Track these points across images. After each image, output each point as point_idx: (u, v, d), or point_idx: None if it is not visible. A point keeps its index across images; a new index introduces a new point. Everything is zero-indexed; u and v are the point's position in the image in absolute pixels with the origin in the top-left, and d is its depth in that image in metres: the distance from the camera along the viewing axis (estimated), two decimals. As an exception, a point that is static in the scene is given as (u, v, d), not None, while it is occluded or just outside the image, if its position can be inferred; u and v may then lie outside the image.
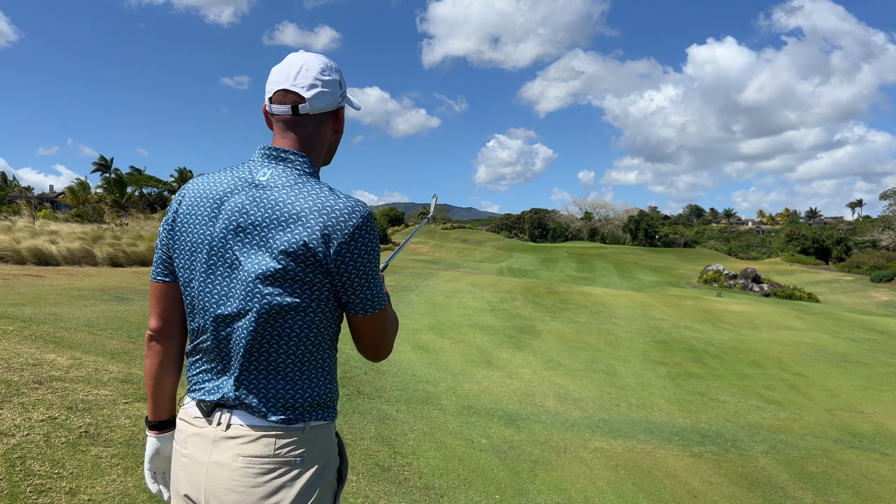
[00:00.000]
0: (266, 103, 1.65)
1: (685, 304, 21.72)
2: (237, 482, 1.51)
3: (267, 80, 1.65)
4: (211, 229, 1.56)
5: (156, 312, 1.69)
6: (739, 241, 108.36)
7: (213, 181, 1.63)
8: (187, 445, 1.61)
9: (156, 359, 1.71)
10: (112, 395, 4.89)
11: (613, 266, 55.37)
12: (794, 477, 5.92)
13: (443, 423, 6.32)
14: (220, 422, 1.56)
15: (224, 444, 1.54)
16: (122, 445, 3.97)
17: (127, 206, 48.39)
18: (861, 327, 18.59)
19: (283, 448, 1.53)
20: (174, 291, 1.67)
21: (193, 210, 1.60)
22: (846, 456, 6.71)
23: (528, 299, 19.01)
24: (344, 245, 1.50)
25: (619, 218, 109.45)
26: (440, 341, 11.45)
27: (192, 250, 1.59)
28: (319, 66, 1.63)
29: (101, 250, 18.50)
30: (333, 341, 1.65)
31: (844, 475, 6.07)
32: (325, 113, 1.66)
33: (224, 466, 1.53)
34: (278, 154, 1.60)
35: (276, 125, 1.65)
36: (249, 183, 1.57)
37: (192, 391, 1.65)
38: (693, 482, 5.51)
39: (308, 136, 1.64)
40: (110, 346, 6.78)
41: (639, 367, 11.11)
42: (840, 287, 50.21)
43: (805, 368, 11.84)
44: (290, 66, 1.62)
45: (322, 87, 1.61)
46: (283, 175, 1.56)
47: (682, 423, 7.56)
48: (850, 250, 71.39)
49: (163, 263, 1.67)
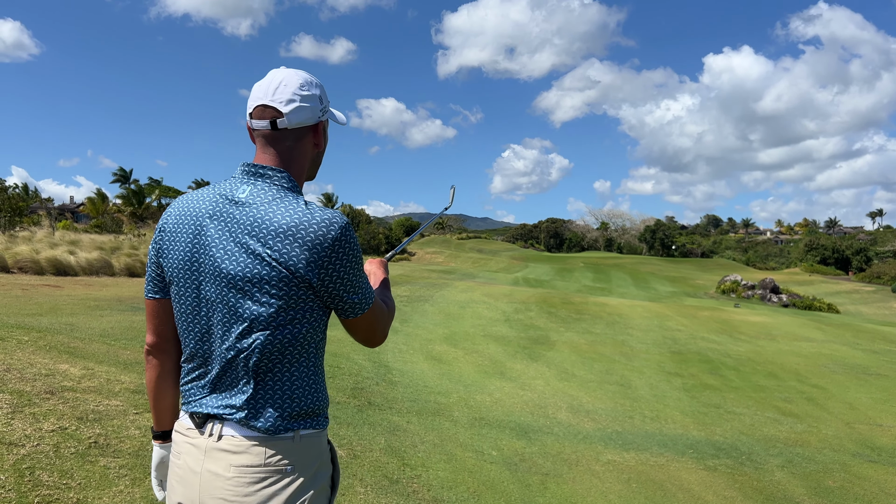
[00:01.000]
0: (247, 119, 1.68)
1: (702, 315, 21.53)
2: (230, 492, 1.54)
3: (249, 97, 1.68)
4: (192, 248, 1.60)
5: (150, 328, 1.74)
6: (757, 251, 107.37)
7: (194, 198, 1.66)
8: (181, 455, 1.65)
9: (154, 372, 1.77)
10: (123, 406, 4.92)
11: (630, 276, 55.06)
12: (811, 491, 5.82)
13: (453, 434, 6.29)
14: (211, 433, 1.59)
15: (216, 454, 1.57)
16: (131, 456, 3.99)
17: (145, 216, 48.89)
18: (882, 339, 18.30)
19: (273, 457, 1.56)
20: (166, 308, 1.72)
21: (177, 229, 1.64)
22: (864, 470, 6.59)
23: (542, 310, 18.93)
24: (325, 258, 1.53)
25: (636, 228, 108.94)
26: (453, 352, 11.42)
27: (178, 268, 1.63)
28: (298, 81, 1.65)
29: (119, 261, 18.70)
30: (319, 350, 1.67)
31: (862, 490, 5.96)
32: (305, 127, 1.68)
33: (217, 476, 1.56)
34: (257, 170, 1.63)
35: (257, 140, 1.68)
36: (230, 200, 1.59)
37: (185, 404, 1.69)
38: (707, 496, 5.43)
39: (287, 151, 1.67)
40: (123, 357, 6.83)
41: (654, 378, 11.01)
42: (861, 298, 49.53)
43: (823, 380, 11.67)
44: (269, 81, 1.65)
45: (300, 102, 1.64)
46: (262, 192, 1.59)
47: (696, 436, 7.47)
48: (871, 260, 70.56)
49: (153, 281, 1.72)
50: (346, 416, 6.20)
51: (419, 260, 65.31)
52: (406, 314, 14.92)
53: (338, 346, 10.08)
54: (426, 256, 64.59)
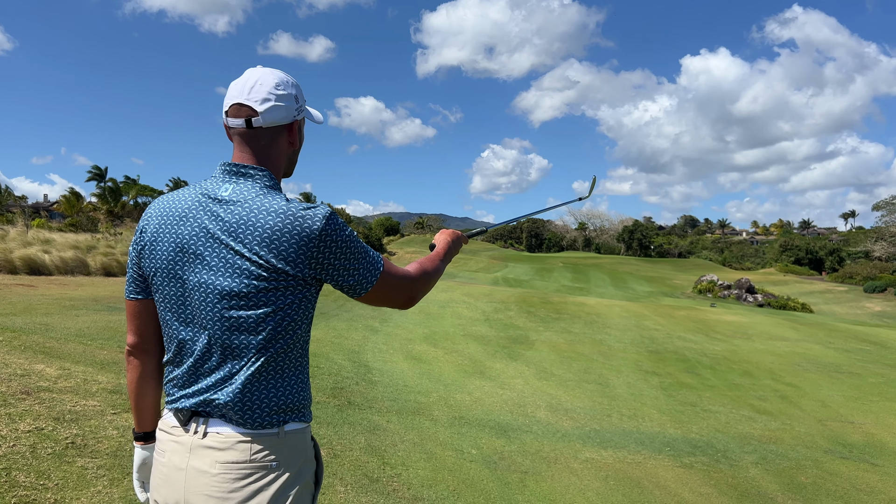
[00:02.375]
0: (223, 117, 1.69)
1: (679, 315, 21.77)
2: (215, 488, 1.54)
3: (225, 96, 1.69)
4: (177, 245, 1.60)
5: (131, 329, 1.74)
6: (733, 251, 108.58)
7: (176, 198, 1.67)
8: (166, 454, 1.65)
9: (135, 373, 1.77)
10: (100, 406, 4.88)
11: (608, 276, 55.46)
12: (784, 487, 5.92)
13: (433, 433, 6.31)
14: (196, 430, 1.60)
15: (201, 451, 1.58)
16: (109, 457, 3.96)
17: (121, 215, 48.29)
18: (853, 338, 18.64)
19: (259, 453, 1.57)
20: (147, 308, 1.72)
21: (159, 229, 1.64)
22: (836, 466, 6.72)
23: (522, 309, 19.03)
24: (315, 251, 1.55)
25: (614, 228, 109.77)
26: (433, 351, 11.44)
27: (160, 268, 1.63)
28: (274, 80, 1.67)
29: (95, 260, 18.46)
30: (304, 346, 1.68)
31: (834, 486, 6.08)
32: (280, 126, 1.69)
33: (203, 473, 1.56)
34: (238, 169, 1.64)
35: (234, 139, 1.69)
36: (212, 199, 1.60)
37: (170, 401, 1.69)
38: (683, 493, 5.51)
39: (264, 150, 1.68)
40: (100, 357, 6.76)
41: (631, 377, 11.12)
42: (834, 297, 50.36)
43: (797, 379, 11.87)
44: (245, 80, 1.67)
45: (275, 101, 1.65)
46: (246, 190, 1.60)
47: (673, 434, 7.56)
48: (844, 261, 71.71)
49: (134, 282, 1.72)
50: (327, 416, 6.20)
51: (399, 260, 65.22)
52: (385, 314, 14.91)
53: (317, 345, 10.06)
54: (406, 256, 64.55)
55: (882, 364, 14.12)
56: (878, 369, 13.36)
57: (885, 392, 10.96)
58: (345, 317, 13.81)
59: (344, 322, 13.08)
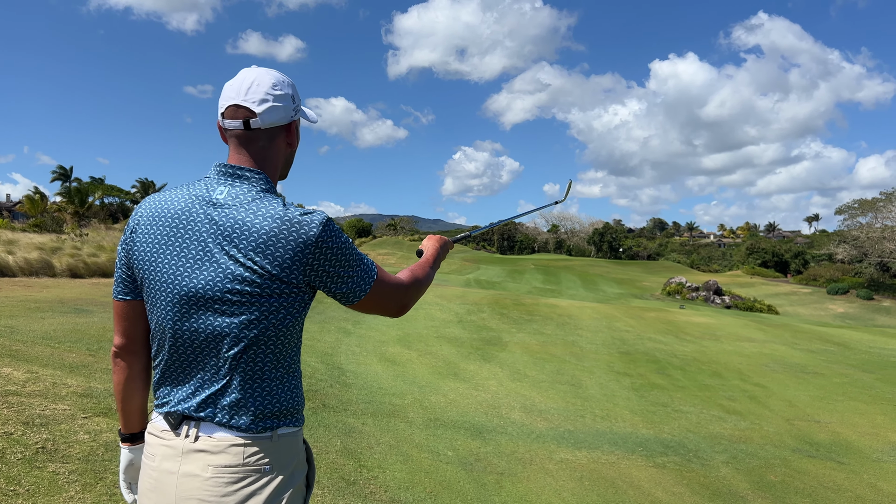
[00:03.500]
0: (219, 118, 1.67)
1: (649, 316, 22.02)
2: (208, 492, 1.52)
3: (220, 96, 1.66)
4: (168, 246, 1.58)
5: (119, 330, 1.72)
6: (701, 253, 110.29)
7: (169, 198, 1.64)
8: (156, 458, 1.62)
9: (122, 374, 1.74)
10: (70, 410, 4.78)
11: (579, 278, 55.89)
12: (754, 486, 6.03)
13: (409, 435, 6.30)
14: (188, 434, 1.58)
15: (193, 455, 1.56)
16: (81, 461, 3.89)
17: (87, 216, 47.34)
18: (818, 339, 19.04)
19: (252, 456, 1.55)
20: (135, 309, 1.69)
21: (151, 229, 1.62)
22: (804, 465, 6.86)
23: (494, 311, 19.08)
24: (310, 257, 1.54)
25: (585, 230, 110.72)
26: (407, 353, 11.42)
27: (152, 269, 1.60)
28: (271, 80, 1.64)
29: (61, 261, 18.08)
30: (297, 350, 1.68)
31: (802, 484, 6.21)
32: (278, 127, 1.67)
33: (194, 477, 1.54)
34: (234, 171, 1.61)
35: (230, 140, 1.67)
36: (206, 201, 1.58)
37: (159, 405, 1.66)
38: (657, 493, 5.58)
39: (262, 151, 1.65)
40: (69, 360, 6.63)
41: (603, 378, 11.23)
42: (798, 299, 51.41)
43: (765, 379, 12.08)
44: (241, 81, 1.64)
45: (273, 102, 1.62)
46: (241, 193, 1.58)
47: (645, 434, 7.65)
48: (808, 263, 73.24)
49: (123, 282, 1.69)
50: (301, 419, 6.15)
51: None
52: (358, 316, 14.85)
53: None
54: (378, 258, 64.33)
55: (845, 364, 14.45)
56: (842, 369, 13.67)
57: (849, 392, 11.21)
58: (317, 319, 13.72)
59: (316, 324, 12.99)
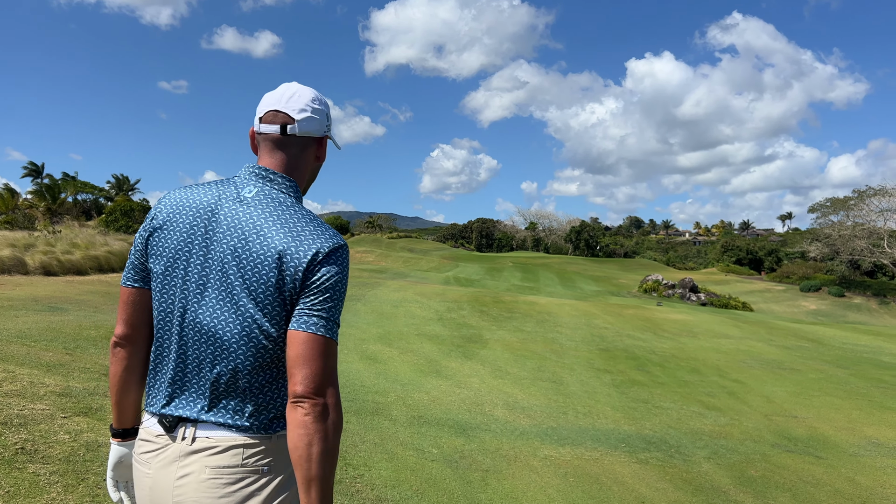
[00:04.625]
0: (255, 124, 1.72)
1: (627, 313, 22.19)
2: (204, 493, 1.51)
3: (258, 105, 1.74)
4: (189, 238, 1.60)
5: (123, 318, 1.70)
6: (677, 251, 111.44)
7: (196, 193, 1.66)
8: (151, 465, 1.60)
9: (120, 365, 1.72)
10: (49, 410, 4.69)
11: (557, 276, 56.16)
12: (736, 481, 6.10)
13: (393, 433, 6.28)
14: (184, 436, 1.56)
15: (190, 458, 1.54)
16: (61, 462, 3.81)
17: (60, 212, 46.55)
18: (793, 335, 19.33)
19: (251, 458, 1.54)
20: (143, 297, 1.69)
21: (174, 221, 1.63)
22: (783, 460, 6.95)
23: (474, 309, 19.10)
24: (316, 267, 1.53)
25: (562, 228, 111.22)
26: (388, 351, 11.39)
27: (169, 261, 1.61)
28: (310, 95, 1.72)
29: (34, 258, 17.75)
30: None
31: (782, 478, 6.28)
32: (310, 138, 1.73)
33: (191, 479, 1.53)
34: (266, 174, 1.66)
35: (263, 145, 1.71)
36: (234, 198, 1.62)
37: (154, 406, 1.63)
38: (640, 488, 5.61)
39: (293, 158, 1.71)
40: (45, 359, 6.50)
41: (584, 375, 11.29)
42: (772, 296, 52.13)
43: (742, 375, 12.23)
44: (283, 91, 1.72)
45: (311, 113, 1.70)
46: (268, 196, 1.62)
47: (627, 430, 7.70)
48: (781, 261, 74.31)
49: (135, 269, 1.69)
50: (284, 417, 6.09)
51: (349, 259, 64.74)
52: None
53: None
54: (357, 255, 64.08)
55: (820, 360, 14.68)
56: (817, 365, 13.88)
57: (825, 387, 11.39)
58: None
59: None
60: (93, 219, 48.42)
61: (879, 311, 48.12)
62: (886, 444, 7.87)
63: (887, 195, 55.31)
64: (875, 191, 56.36)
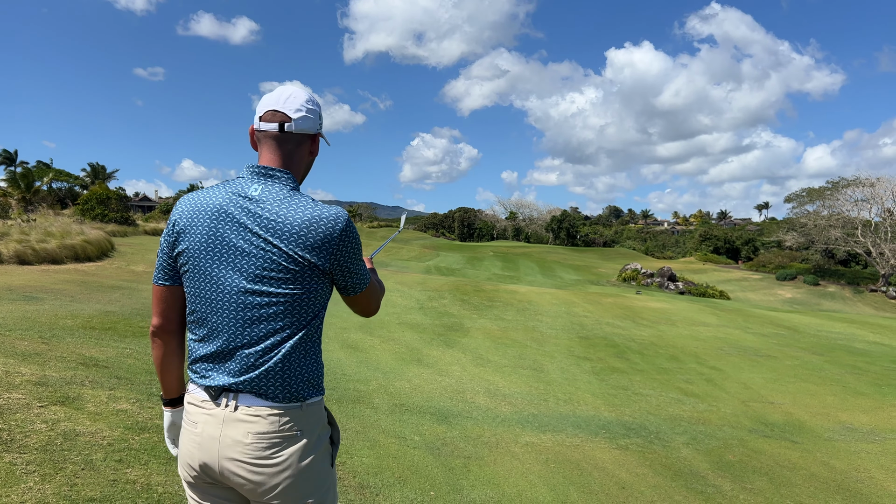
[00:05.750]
0: (255, 123, 1.95)
1: (606, 302, 22.34)
2: (248, 455, 1.79)
3: (258, 106, 1.97)
4: (212, 236, 1.83)
5: (158, 311, 1.96)
6: (656, 240, 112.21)
7: (208, 195, 1.90)
8: (198, 425, 1.86)
9: (160, 350, 1.99)
10: (25, 399, 4.62)
11: (537, 265, 56.36)
12: (714, 466, 6.18)
13: (375, 421, 6.27)
14: (227, 405, 1.83)
15: (234, 423, 1.81)
16: (38, 451, 3.76)
17: (35, 201, 45.75)
18: (769, 323, 19.59)
19: (285, 424, 1.82)
20: (174, 294, 1.94)
21: (194, 220, 1.86)
22: (760, 445, 7.05)
23: (455, 297, 19.12)
24: (335, 247, 1.83)
25: (543, 218, 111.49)
26: (370, 340, 11.37)
27: (196, 256, 1.85)
28: (305, 96, 1.97)
29: (8, 247, 17.46)
30: (321, 327, 1.95)
31: (759, 463, 6.38)
32: (305, 135, 1.97)
33: (236, 442, 1.80)
34: (266, 172, 1.89)
35: (263, 142, 1.95)
36: (243, 197, 1.85)
37: (198, 378, 1.89)
38: (621, 474, 5.66)
39: (289, 153, 1.95)
40: (21, 348, 6.41)
41: (564, 362, 11.36)
42: (749, 285, 52.75)
43: (720, 362, 12.38)
44: (280, 93, 1.96)
45: (306, 113, 1.94)
46: (275, 191, 1.85)
47: (607, 417, 7.77)
48: (758, 250, 75.14)
49: (164, 270, 1.94)
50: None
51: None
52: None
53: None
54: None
55: (796, 347, 14.91)
56: (793, 352, 14.09)
57: (800, 374, 11.57)
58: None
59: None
60: (68, 207, 47.68)
61: (853, 300, 48.93)
62: (860, 428, 8.02)
63: (861, 185, 56.11)
64: (849, 181, 57.13)
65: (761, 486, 5.71)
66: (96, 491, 3.39)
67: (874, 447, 7.21)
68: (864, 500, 5.58)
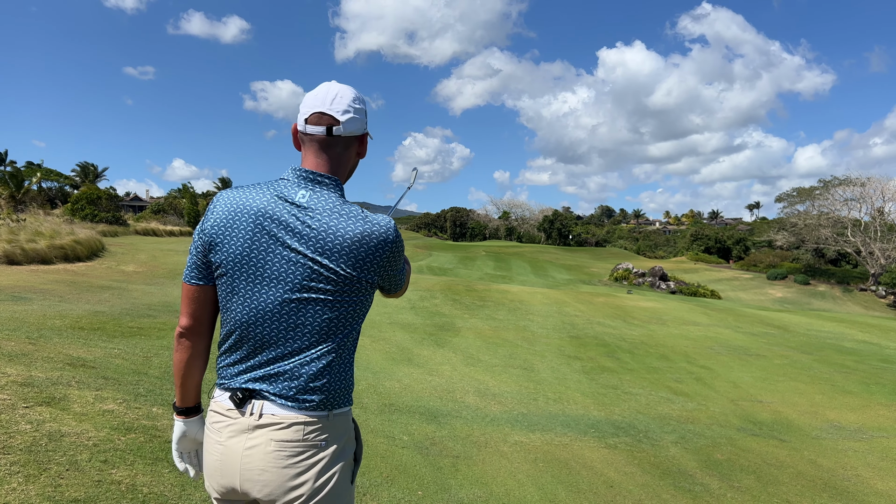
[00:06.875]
0: (299, 124, 1.86)
1: (597, 301, 22.40)
2: (270, 463, 1.72)
3: (301, 104, 1.87)
4: (252, 248, 1.76)
5: (187, 312, 1.87)
6: (647, 240, 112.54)
7: (249, 195, 1.81)
8: (223, 434, 1.79)
9: (185, 353, 1.90)
10: (10, 400, 4.59)
11: (529, 264, 56.45)
12: (702, 464, 6.20)
13: (364, 421, 6.27)
14: (252, 411, 1.75)
15: (258, 431, 1.74)
16: (23, 452, 3.73)
17: (25, 201, 45.48)
18: (759, 322, 19.69)
19: (311, 433, 1.74)
20: (206, 294, 1.85)
21: (233, 223, 1.78)
22: (748, 443, 7.09)
23: (447, 297, 19.13)
24: (385, 261, 1.80)
25: (535, 218, 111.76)
26: (360, 339, 11.33)
27: (234, 261, 1.77)
28: (351, 95, 1.86)
29: (-4, 247, 17.35)
30: (357, 338, 1.87)
31: (747, 461, 6.41)
32: (353, 136, 1.88)
33: (257, 450, 1.73)
34: (314, 177, 1.81)
35: (309, 145, 1.86)
36: (289, 202, 1.77)
37: (225, 383, 1.82)
38: (609, 473, 5.68)
39: (338, 157, 1.86)
40: (7, 348, 6.37)
41: (555, 362, 11.38)
42: (740, 284, 53.01)
43: (710, 361, 12.43)
44: (326, 92, 1.84)
45: (353, 114, 1.84)
46: (322, 199, 1.78)
47: (597, 416, 7.78)
48: (749, 250, 75.50)
49: (196, 268, 1.84)
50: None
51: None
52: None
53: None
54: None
55: (785, 347, 14.98)
56: (783, 351, 14.17)
57: (789, 373, 11.63)
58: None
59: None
60: (58, 207, 47.43)
61: (843, 299, 49.25)
62: (847, 427, 8.07)
63: (851, 185, 56.46)
64: (840, 181, 57.50)
65: (749, 484, 5.74)
66: (81, 492, 3.38)
67: (861, 445, 7.26)
68: (851, 497, 5.61)
